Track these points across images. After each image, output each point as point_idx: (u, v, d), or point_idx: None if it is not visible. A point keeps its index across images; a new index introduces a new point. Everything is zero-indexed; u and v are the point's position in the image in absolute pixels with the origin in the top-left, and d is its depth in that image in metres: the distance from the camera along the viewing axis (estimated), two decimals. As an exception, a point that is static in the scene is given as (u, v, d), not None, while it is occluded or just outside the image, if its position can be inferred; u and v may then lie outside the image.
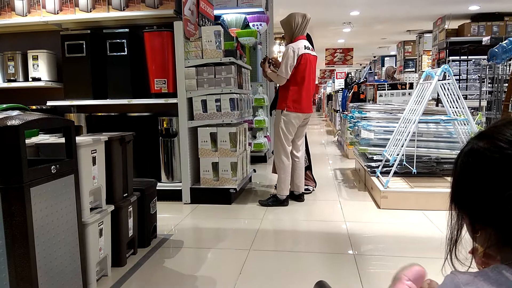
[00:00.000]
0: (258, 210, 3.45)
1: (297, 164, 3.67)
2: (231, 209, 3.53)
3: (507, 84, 5.13)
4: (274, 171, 3.88)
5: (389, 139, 3.87)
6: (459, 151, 0.69)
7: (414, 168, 3.53)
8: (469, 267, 0.68)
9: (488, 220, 0.62)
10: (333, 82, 14.65)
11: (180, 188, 3.68)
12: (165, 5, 3.51)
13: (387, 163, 3.70)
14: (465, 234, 0.69)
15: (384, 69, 11.06)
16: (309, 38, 4.05)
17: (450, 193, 0.68)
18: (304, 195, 3.77)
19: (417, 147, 3.61)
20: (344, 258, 2.43)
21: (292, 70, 3.41)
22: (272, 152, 4.04)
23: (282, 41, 9.42)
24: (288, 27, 3.55)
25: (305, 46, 3.47)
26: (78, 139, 1.91)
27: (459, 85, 5.99)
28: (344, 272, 2.24)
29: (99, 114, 3.86)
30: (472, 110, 4.20)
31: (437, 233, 2.82)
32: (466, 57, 6.86)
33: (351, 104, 5.59)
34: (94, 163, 2.04)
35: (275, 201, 3.58)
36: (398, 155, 3.51)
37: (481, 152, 0.62)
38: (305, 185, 4.02)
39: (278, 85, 3.67)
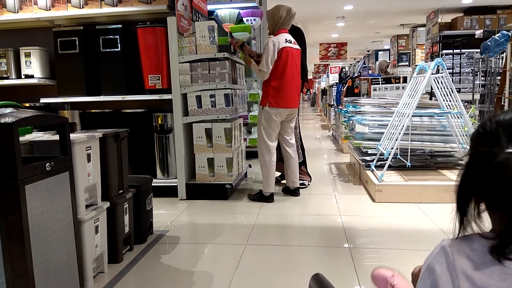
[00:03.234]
0: (254, 205, 3.46)
1: (290, 160, 3.66)
2: (227, 205, 3.53)
3: (499, 77, 5.17)
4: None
5: (383, 133, 3.89)
6: (453, 144, 0.73)
7: (408, 161, 3.56)
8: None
9: (476, 187, 0.68)
10: (327, 77, 14.64)
11: (176, 184, 3.68)
12: (158, 0, 3.49)
13: (381, 156, 3.73)
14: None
15: (377, 63, 11.08)
16: (299, 32, 4.03)
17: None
18: (300, 189, 3.79)
19: (411, 141, 3.63)
20: (340, 252, 2.45)
21: (273, 64, 3.37)
22: None
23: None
24: (272, 19, 3.50)
25: (286, 39, 3.41)
26: (72, 136, 1.90)
27: (452, 78, 6.02)
28: (340, 265, 2.26)
29: (93, 111, 3.84)
30: (465, 103, 4.23)
31: (431, 225, 2.85)
32: (459, 50, 6.89)
33: (345, 99, 5.60)
34: (89, 160, 2.03)
35: (259, 197, 3.58)
36: (392, 148, 3.53)
37: (482, 130, 0.69)
38: (300, 179, 4.04)
39: None
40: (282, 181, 4.06)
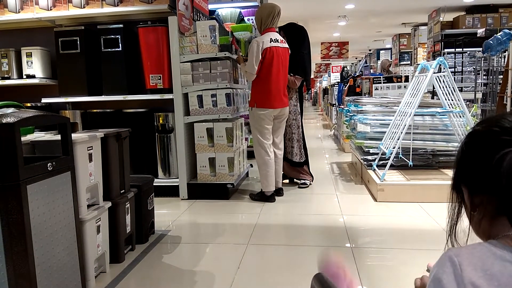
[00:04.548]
0: (256, 205, 3.46)
1: (276, 161, 3.63)
2: (229, 204, 3.53)
3: (502, 76, 5.15)
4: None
5: (385, 132, 3.88)
6: (455, 143, 0.74)
7: (410, 160, 3.55)
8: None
9: (484, 188, 0.69)
10: (329, 76, 14.66)
11: (177, 184, 3.68)
12: (159, 0, 3.49)
13: (383, 156, 3.72)
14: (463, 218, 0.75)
15: (379, 62, 11.05)
16: (303, 32, 4.00)
17: (452, 178, 0.76)
18: (282, 192, 3.73)
19: (413, 140, 3.62)
20: (341, 251, 2.44)
21: (258, 65, 3.34)
22: None
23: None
24: (257, 19, 3.48)
25: (271, 39, 3.37)
26: (74, 136, 1.90)
27: (454, 77, 5.99)
28: (341, 264, 2.25)
29: (95, 110, 3.84)
30: (467, 102, 4.22)
31: (433, 225, 2.84)
32: (461, 49, 6.87)
33: (347, 98, 5.60)
34: (90, 159, 2.03)
35: (261, 196, 3.57)
36: (394, 148, 3.52)
37: (477, 131, 0.72)
38: (302, 179, 4.04)
39: None
40: (284, 181, 4.05)
